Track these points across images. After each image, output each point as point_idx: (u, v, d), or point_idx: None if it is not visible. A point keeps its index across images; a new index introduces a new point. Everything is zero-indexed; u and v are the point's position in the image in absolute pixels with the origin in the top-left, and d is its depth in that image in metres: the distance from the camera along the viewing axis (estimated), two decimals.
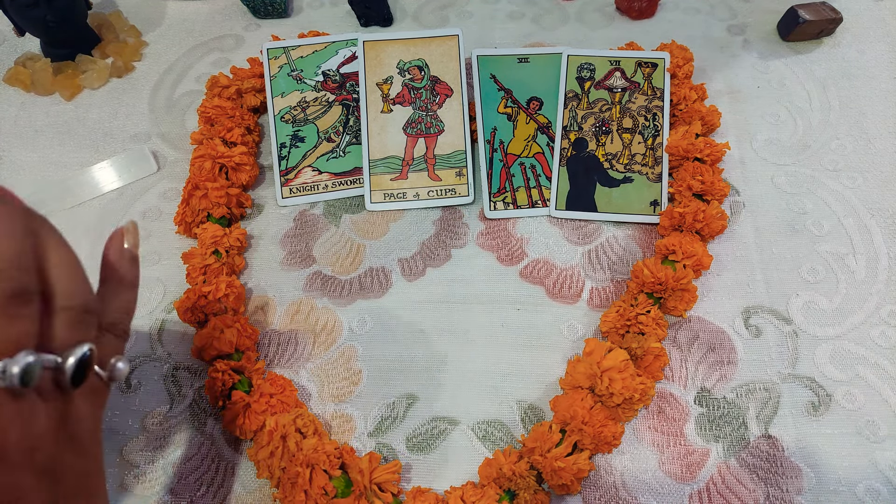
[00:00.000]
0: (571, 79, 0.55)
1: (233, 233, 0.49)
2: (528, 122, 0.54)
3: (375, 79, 0.55)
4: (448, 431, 0.42)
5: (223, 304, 0.45)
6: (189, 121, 0.58)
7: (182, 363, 0.45)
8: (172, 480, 0.40)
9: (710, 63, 0.60)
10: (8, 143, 0.57)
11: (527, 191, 0.52)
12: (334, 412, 0.43)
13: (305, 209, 0.53)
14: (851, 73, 0.59)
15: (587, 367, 0.40)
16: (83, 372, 0.26)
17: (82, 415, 0.27)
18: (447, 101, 0.54)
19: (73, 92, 0.60)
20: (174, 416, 0.43)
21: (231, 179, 0.51)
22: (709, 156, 0.50)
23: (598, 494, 0.39)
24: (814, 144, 0.54)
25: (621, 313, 0.44)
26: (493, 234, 0.51)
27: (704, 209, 0.47)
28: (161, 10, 0.67)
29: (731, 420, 0.42)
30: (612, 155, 0.53)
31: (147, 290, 0.48)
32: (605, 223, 0.51)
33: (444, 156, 0.53)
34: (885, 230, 0.49)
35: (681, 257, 0.45)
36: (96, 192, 0.54)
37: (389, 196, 0.52)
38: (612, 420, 0.40)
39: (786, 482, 0.39)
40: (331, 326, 0.46)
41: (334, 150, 0.54)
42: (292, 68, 0.56)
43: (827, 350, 0.44)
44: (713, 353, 0.44)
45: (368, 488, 0.37)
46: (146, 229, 0.51)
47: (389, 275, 0.49)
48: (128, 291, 0.31)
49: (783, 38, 0.61)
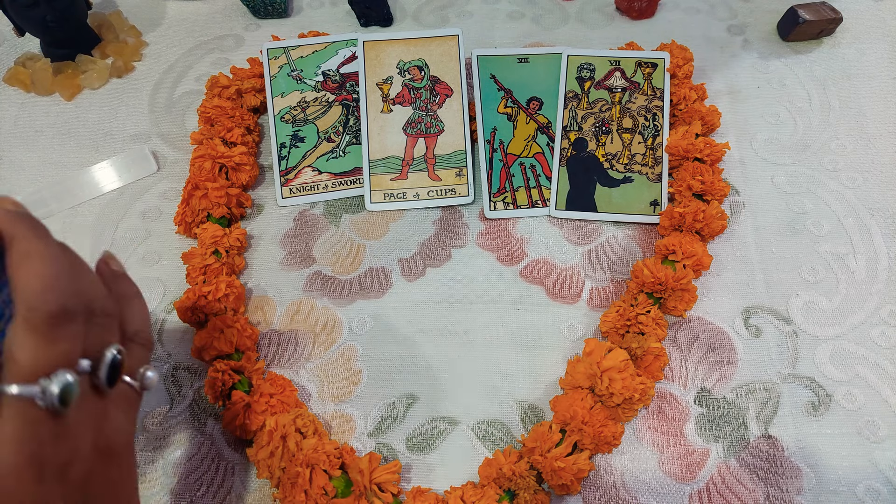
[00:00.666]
0: (571, 79, 0.55)
1: (233, 233, 0.49)
2: (528, 122, 0.54)
3: (375, 79, 0.55)
4: (448, 431, 0.42)
5: (223, 304, 0.45)
6: (189, 121, 0.58)
7: (182, 363, 0.45)
8: (172, 480, 0.40)
9: (710, 63, 0.60)
10: (8, 143, 0.57)
11: (527, 191, 0.52)
12: (334, 412, 0.43)
13: (305, 209, 0.53)
14: (851, 73, 0.59)
15: (587, 367, 0.40)
16: (117, 371, 0.27)
17: (117, 425, 0.28)
18: (447, 101, 0.54)
19: (73, 92, 0.60)
20: (174, 416, 0.43)
21: (231, 179, 0.51)
22: (709, 156, 0.50)
23: (598, 494, 0.39)
24: (814, 144, 0.54)
25: (621, 313, 0.44)
26: (493, 234, 0.51)
27: (704, 209, 0.47)
28: (161, 10, 0.67)
29: (731, 420, 0.42)
30: (612, 155, 0.53)
31: (147, 290, 0.48)
32: (605, 223, 0.51)
33: (444, 156, 0.53)
34: (885, 230, 0.49)
35: (681, 257, 0.45)
36: (96, 192, 0.54)
37: (389, 196, 0.52)
38: (612, 420, 0.40)
39: (786, 482, 0.39)
40: (331, 326, 0.46)
41: (334, 150, 0.54)
42: (292, 68, 0.56)
43: (827, 350, 0.44)
44: (713, 353, 0.44)
45: (368, 488, 0.37)
46: (146, 229, 0.51)
47: (389, 275, 0.49)
48: (137, 301, 0.32)
49: (783, 38, 0.61)
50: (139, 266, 0.49)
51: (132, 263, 0.50)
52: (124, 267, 0.32)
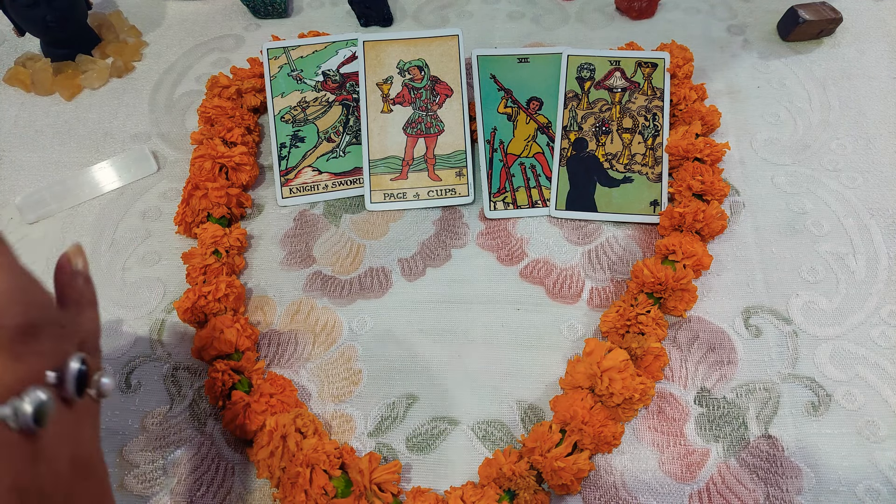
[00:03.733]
0: (571, 79, 0.55)
1: (233, 233, 0.49)
2: (528, 122, 0.54)
3: (375, 79, 0.55)
4: (448, 431, 0.42)
5: (223, 304, 0.45)
6: (189, 121, 0.58)
7: (182, 363, 0.45)
8: (172, 480, 0.40)
9: (710, 63, 0.60)
10: (8, 143, 0.57)
11: (527, 191, 0.52)
12: (334, 412, 0.43)
13: (305, 209, 0.53)
14: (851, 73, 0.59)
15: (587, 367, 0.40)
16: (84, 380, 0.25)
17: (87, 437, 0.27)
18: (447, 101, 0.54)
19: (73, 92, 0.60)
20: (174, 416, 0.43)
21: (231, 179, 0.51)
22: (709, 156, 0.50)
23: (598, 494, 0.39)
24: (814, 144, 0.54)
25: (621, 313, 0.44)
26: (493, 234, 0.51)
27: (704, 209, 0.47)
28: (161, 10, 0.67)
29: (731, 420, 0.42)
30: (612, 155, 0.53)
31: (147, 290, 0.48)
32: (605, 223, 0.51)
33: (444, 156, 0.53)
34: (885, 230, 0.49)
35: (681, 257, 0.45)
36: (96, 192, 0.54)
37: (389, 196, 0.52)
38: (612, 420, 0.40)
39: (786, 482, 0.39)
40: (331, 326, 0.46)
41: (334, 150, 0.54)
42: (292, 68, 0.56)
43: (827, 350, 0.44)
44: (713, 353, 0.44)
45: (368, 488, 0.37)
46: (146, 229, 0.51)
47: (389, 275, 0.49)
48: (89, 309, 0.30)
49: (783, 38, 0.61)
50: (139, 266, 0.49)
51: (132, 263, 0.50)
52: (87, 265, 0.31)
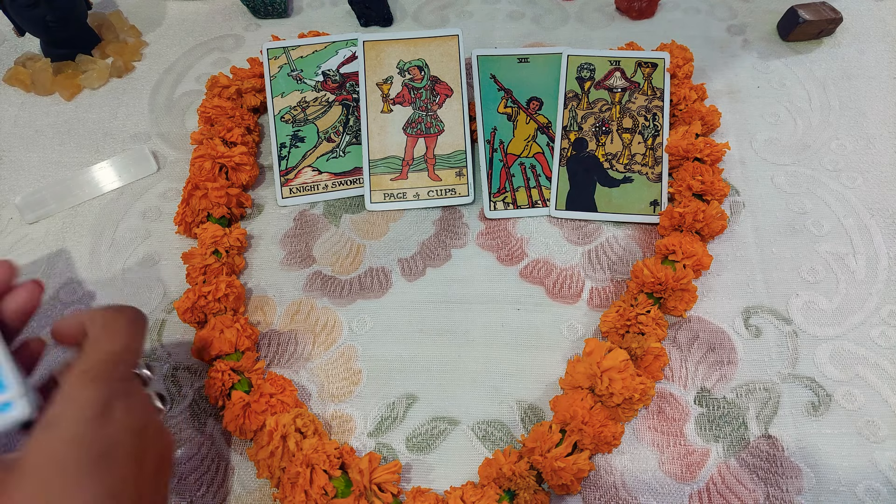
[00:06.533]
0: (571, 79, 0.55)
1: (233, 233, 0.49)
2: (528, 122, 0.54)
3: (375, 79, 0.55)
4: (448, 431, 0.42)
5: (223, 304, 0.45)
6: (189, 121, 0.58)
7: (182, 363, 0.45)
8: (172, 480, 0.40)
9: (710, 63, 0.60)
10: (8, 143, 0.57)
11: (527, 191, 0.52)
12: (334, 412, 0.43)
13: (305, 209, 0.53)
14: (851, 73, 0.59)
15: (587, 367, 0.40)
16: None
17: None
18: (447, 101, 0.54)
19: (73, 92, 0.60)
20: (174, 416, 0.43)
21: (231, 179, 0.51)
22: (709, 156, 0.50)
23: (598, 494, 0.39)
24: (814, 144, 0.54)
25: (621, 313, 0.44)
26: (493, 234, 0.51)
27: (704, 209, 0.47)
28: (161, 10, 0.67)
29: (731, 420, 0.42)
30: (612, 155, 0.53)
31: (147, 290, 0.48)
32: (605, 223, 0.51)
33: (444, 156, 0.53)
34: (885, 230, 0.49)
35: (681, 257, 0.45)
36: (96, 192, 0.54)
37: (389, 196, 0.52)
38: (612, 420, 0.40)
39: (786, 482, 0.39)
40: (331, 326, 0.46)
41: (334, 150, 0.54)
42: (292, 68, 0.56)
43: (827, 350, 0.44)
44: (713, 353, 0.44)
45: (368, 488, 0.37)
46: (146, 229, 0.51)
47: (389, 275, 0.49)
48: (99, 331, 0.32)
49: (783, 38, 0.61)
50: (139, 266, 0.50)
51: (132, 263, 0.50)
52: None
